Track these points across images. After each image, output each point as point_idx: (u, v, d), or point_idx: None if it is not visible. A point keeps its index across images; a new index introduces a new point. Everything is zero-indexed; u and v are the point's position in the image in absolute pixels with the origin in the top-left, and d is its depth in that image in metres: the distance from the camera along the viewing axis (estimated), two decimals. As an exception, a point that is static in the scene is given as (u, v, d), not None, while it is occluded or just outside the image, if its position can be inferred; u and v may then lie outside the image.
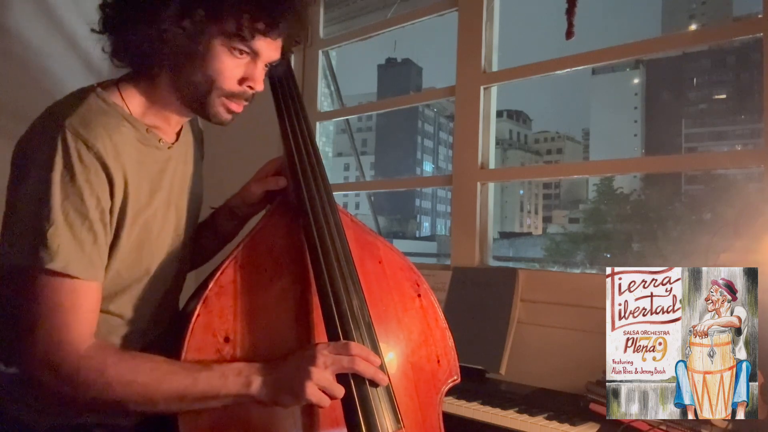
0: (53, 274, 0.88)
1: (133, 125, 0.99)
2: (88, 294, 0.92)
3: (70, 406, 0.96)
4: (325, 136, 2.92)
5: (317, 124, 2.45)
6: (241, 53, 0.99)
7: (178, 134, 1.10)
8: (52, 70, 1.95)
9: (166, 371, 0.90)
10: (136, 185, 0.98)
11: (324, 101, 2.51)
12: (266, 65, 1.04)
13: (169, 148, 1.06)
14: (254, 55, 1.01)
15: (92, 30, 1.00)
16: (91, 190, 0.91)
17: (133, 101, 1.02)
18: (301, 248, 1.05)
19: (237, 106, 1.03)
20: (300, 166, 1.10)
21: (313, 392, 0.89)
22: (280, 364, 0.93)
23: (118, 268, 0.98)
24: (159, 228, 1.04)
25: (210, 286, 0.97)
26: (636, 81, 49.78)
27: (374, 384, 0.93)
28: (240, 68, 1.00)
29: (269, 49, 1.02)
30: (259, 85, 1.03)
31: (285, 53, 1.08)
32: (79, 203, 0.90)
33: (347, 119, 2.73)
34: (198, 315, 0.94)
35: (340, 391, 0.91)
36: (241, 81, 1.01)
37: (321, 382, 0.89)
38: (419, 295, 1.15)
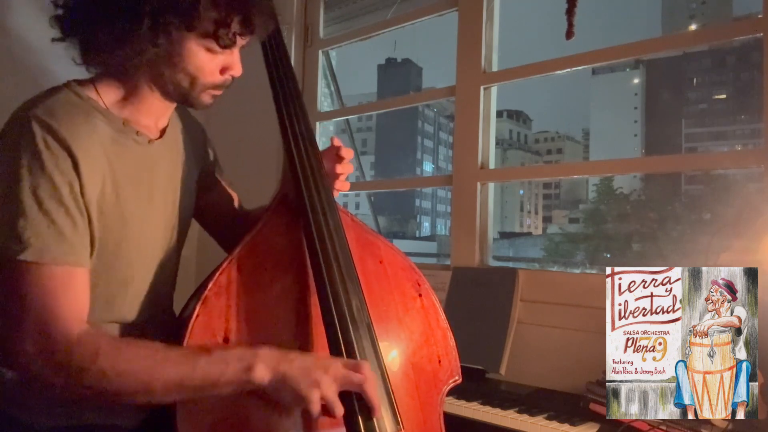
0: (32, 263, 0.87)
1: (107, 118, 0.99)
2: (74, 279, 0.91)
3: (65, 397, 0.95)
4: (325, 136, 2.91)
5: (317, 124, 2.45)
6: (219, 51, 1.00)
7: (164, 131, 1.08)
8: (52, 70, 1.94)
9: (163, 357, 0.88)
10: (109, 177, 0.97)
11: (324, 101, 2.51)
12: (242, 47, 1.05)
13: (150, 142, 1.04)
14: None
15: (53, 39, 0.99)
16: (62, 176, 0.90)
17: (109, 95, 1.01)
18: (300, 248, 1.05)
19: (219, 92, 1.05)
20: (300, 166, 1.10)
21: (315, 400, 0.88)
22: (288, 360, 0.91)
23: (95, 262, 0.97)
24: (139, 224, 1.02)
25: (209, 286, 0.97)
26: (636, 81, 49.70)
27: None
28: (219, 61, 1.01)
29: (243, 40, 1.03)
30: (239, 70, 1.04)
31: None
32: (52, 190, 0.89)
33: (347, 119, 2.73)
34: (197, 315, 0.94)
35: (339, 410, 0.90)
36: (222, 71, 1.02)
37: (326, 393, 0.89)
38: (420, 295, 1.15)
